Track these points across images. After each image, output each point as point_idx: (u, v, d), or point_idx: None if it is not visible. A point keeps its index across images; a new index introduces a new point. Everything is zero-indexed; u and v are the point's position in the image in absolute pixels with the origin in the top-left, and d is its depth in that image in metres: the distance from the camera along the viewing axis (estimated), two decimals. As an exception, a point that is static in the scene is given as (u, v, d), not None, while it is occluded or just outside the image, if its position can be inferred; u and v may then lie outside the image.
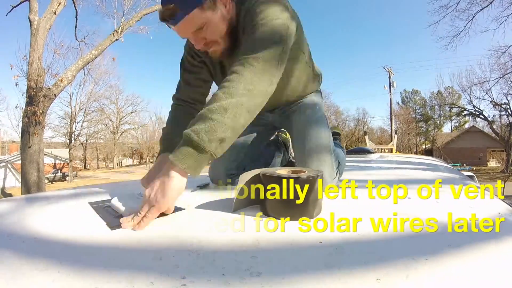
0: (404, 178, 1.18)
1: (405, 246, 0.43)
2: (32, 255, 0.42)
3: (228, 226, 0.54)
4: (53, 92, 5.92)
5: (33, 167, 5.65)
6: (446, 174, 1.37)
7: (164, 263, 0.38)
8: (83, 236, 0.50)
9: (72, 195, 0.93)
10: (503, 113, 21.18)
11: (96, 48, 6.95)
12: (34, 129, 5.60)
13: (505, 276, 0.34)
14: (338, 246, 0.43)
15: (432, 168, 1.68)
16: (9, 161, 18.30)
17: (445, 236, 0.47)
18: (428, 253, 0.40)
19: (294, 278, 0.34)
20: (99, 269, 0.37)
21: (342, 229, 0.51)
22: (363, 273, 0.35)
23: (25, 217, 0.65)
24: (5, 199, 0.91)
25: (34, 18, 5.93)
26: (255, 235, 0.49)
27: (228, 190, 0.91)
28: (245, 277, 0.34)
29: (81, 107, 25.03)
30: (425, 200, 0.72)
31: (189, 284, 0.33)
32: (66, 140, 24.15)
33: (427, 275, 0.34)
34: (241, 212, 0.61)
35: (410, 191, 0.81)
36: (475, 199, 0.72)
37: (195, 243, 0.45)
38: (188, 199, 0.77)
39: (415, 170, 1.52)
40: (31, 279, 0.35)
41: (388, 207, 0.66)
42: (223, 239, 0.47)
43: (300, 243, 0.45)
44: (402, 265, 0.36)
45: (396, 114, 29.10)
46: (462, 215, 0.59)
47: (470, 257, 0.39)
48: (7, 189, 15.56)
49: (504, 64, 16.09)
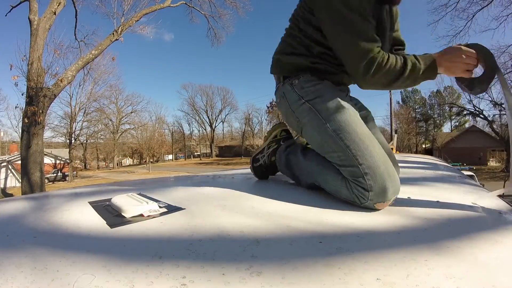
0: (404, 178, 1.17)
1: (405, 246, 0.43)
2: (32, 254, 0.42)
3: (228, 226, 0.54)
4: (53, 92, 5.93)
5: (34, 167, 5.66)
6: (446, 173, 1.37)
7: (164, 263, 0.38)
8: (83, 235, 0.50)
9: (72, 194, 0.93)
10: (503, 113, 21.17)
11: (96, 48, 6.95)
12: (34, 129, 5.60)
13: (505, 276, 0.34)
14: (338, 246, 0.43)
15: (432, 167, 1.68)
16: (10, 161, 18.30)
17: (445, 236, 0.47)
18: (428, 253, 0.40)
19: (294, 278, 0.34)
20: (98, 268, 0.37)
21: (342, 229, 0.51)
22: (363, 273, 0.34)
23: (25, 216, 0.65)
24: (6, 199, 0.92)
25: (34, 18, 5.93)
26: (255, 235, 0.49)
27: (228, 190, 0.91)
28: (245, 277, 0.34)
29: (81, 107, 25.08)
30: (425, 199, 0.72)
31: (189, 284, 0.32)
32: (66, 140, 24.17)
33: (427, 275, 0.34)
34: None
35: (410, 190, 0.81)
36: (475, 199, 0.71)
37: (195, 243, 0.45)
38: (188, 199, 0.77)
39: (415, 169, 1.52)
40: (30, 278, 0.35)
41: (388, 207, 0.66)
42: (223, 239, 0.47)
43: (300, 243, 0.45)
44: (402, 265, 0.36)
45: (396, 113, 29.09)
46: (462, 215, 0.59)
47: (470, 257, 0.39)
48: (8, 189, 15.56)
49: (504, 63, 16.08)
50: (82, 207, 0.71)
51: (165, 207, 0.67)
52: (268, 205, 0.71)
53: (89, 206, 0.71)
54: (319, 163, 0.79)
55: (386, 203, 0.65)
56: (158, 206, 0.65)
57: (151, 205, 0.64)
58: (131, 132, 33.35)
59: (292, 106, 0.85)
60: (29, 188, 5.61)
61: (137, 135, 32.84)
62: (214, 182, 1.14)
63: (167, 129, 43.29)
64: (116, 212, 0.63)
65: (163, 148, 31.25)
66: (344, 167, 0.71)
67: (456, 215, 0.58)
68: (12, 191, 13.64)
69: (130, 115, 33.89)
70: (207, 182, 1.15)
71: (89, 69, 13.09)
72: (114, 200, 0.66)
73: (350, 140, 0.70)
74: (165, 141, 34.04)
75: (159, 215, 0.61)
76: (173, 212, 0.64)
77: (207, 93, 44.70)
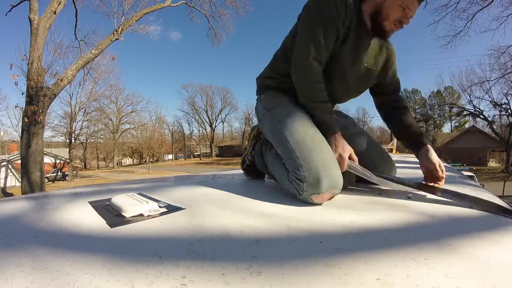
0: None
1: (405, 246, 0.43)
2: (32, 254, 0.42)
3: (228, 226, 0.54)
4: (53, 91, 5.92)
5: (34, 166, 5.65)
6: (446, 173, 1.37)
7: (164, 263, 0.38)
8: (83, 235, 0.50)
9: (72, 194, 0.93)
10: (503, 113, 21.20)
11: (96, 47, 6.95)
12: (34, 128, 5.60)
13: (505, 276, 0.34)
14: (338, 246, 0.43)
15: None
16: (10, 160, 18.30)
17: (445, 236, 0.47)
18: (428, 253, 0.40)
19: (294, 278, 0.34)
20: (98, 268, 0.37)
21: (342, 229, 0.51)
22: (363, 273, 0.34)
23: (25, 216, 0.65)
24: (6, 199, 0.92)
25: (34, 18, 5.93)
26: (255, 235, 0.49)
27: (228, 190, 0.91)
28: (245, 277, 0.34)
29: (81, 106, 25.08)
30: (425, 199, 0.72)
31: (189, 284, 0.32)
32: (66, 139, 24.16)
33: (427, 275, 0.34)
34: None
35: (410, 190, 0.81)
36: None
37: (195, 243, 0.45)
38: (188, 199, 0.77)
39: (415, 169, 1.52)
40: (30, 278, 0.35)
41: (388, 207, 0.66)
42: (223, 239, 0.47)
43: (300, 243, 0.45)
44: (402, 265, 0.36)
45: (396, 114, 28.98)
46: (462, 214, 0.59)
47: (471, 257, 0.39)
48: (7, 188, 15.56)
49: (504, 64, 16.10)
50: (82, 207, 0.71)
51: (165, 207, 0.67)
52: (268, 205, 0.71)
53: (89, 205, 0.71)
54: (275, 158, 0.91)
55: (322, 196, 0.69)
56: (158, 206, 0.65)
57: (151, 205, 0.64)
58: (131, 132, 33.40)
59: (260, 116, 0.99)
60: (29, 188, 5.61)
61: (137, 135, 32.88)
62: (214, 182, 1.14)
63: (167, 129, 43.35)
64: (116, 211, 0.63)
65: (163, 148, 31.26)
66: (285, 160, 0.80)
67: (456, 215, 0.58)
68: (12, 190, 13.63)
69: (130, 114, 33.92)
70: (207, 182, 1.15)
71: (89, 69, 13.06)
72: (114, 200, 0.66)
73: (291, 136, 0.79)
74: (165, 140, 34.06)
75: (159, 215, 0.61)
76: (173, 212, 0.64)
77: (207, 93, 44.77)
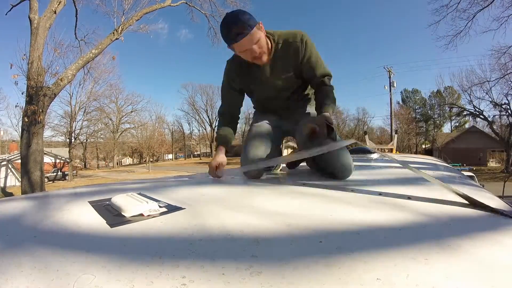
0: (404, 178, 1.17)
1: (405, 246, 0.43)
2: (32, 254, 0.42)
3: (228, 225, 0.53)
4: (53, 91, 5.92)
5: (34, 166, 5.65)
6: (446, 174, 1.37)
7: (164, 263, 0.38)
8: (83, 235, 0.50)
9: (72, 194, 0.93)
10: (503, 114, 21.19)
11: (96, 47, 6.95)
12: (34, 128, 5.60)
13: (505, 276, 0.34)
14: (338, 246, 0.43)
15: (432, 168, 1.68)
16: (10, 160, 18.29)
17: (445, 236, 0.47)
18: (428, 253, 0.39)
19: (294, 278, 0.34)
20: (98, 268, 0.37)
21: (342, 228, 0.51)
22: (363, 273, 0.34)
23: (25, 216, 0.65)
24: (6, 199, 0.91)
25: (34, 17, 5.93)
26: (255, 235, 0.49)
27: (228, 190, 0.91)
28: (245, 277, 0.34)
29: (81, 106, 25.06)
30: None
31: (189, 284, 0.32)
32: (66, 139, 24.16)
33: (427, 275, 0.34)
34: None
35: (410, 190, 0.81)
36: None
37: (195, 243, 0.45)
38: (188, 199, 0.77)
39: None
40: (30, 278, 0.35)
41: (388, 207, 0.66)
42: (223, 239, 0.47)
43: (300, 243, 0.45)
44: (402, 265, 0.36)
45: (396, 113, 29.09)
46: (462, 214, 0.59)
47: (471, 257, 0.39)
48: (7, 188, 15.56)
49: (504, 64, 16.10)
50: (82, 206, 0.71)
51: (165, 206, 0.67)
52: (268, 204, 0.71)
53: (89, 205, 0.71)
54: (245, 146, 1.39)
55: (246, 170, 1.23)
56: (158, 206, 0.65)
57: (151, 204, 0.64)
58: (131, 132, 33.38)
59: None
60: (29, 187, 5.61)
61: (137, 135, 32.87)
62: (214, 182, 1.14)
63: (167, 129, 43.31)
64: (116, 211, 0.63)
65: (163, 147, 31.25)
66: None
67: (456, 215, 0.58)
68: (12, 190, 13.62)
69: (130, 114, 33.89)
70: (207, 182, 1.15)
71: (89, 68, 13.03)
72: (114, 200, 0.66)
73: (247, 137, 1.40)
74: (165, 140, 34.06)
75: (159, 215, 0.61)
76: (173, 211, 0.64)
77: (207, 93, 44.65)
